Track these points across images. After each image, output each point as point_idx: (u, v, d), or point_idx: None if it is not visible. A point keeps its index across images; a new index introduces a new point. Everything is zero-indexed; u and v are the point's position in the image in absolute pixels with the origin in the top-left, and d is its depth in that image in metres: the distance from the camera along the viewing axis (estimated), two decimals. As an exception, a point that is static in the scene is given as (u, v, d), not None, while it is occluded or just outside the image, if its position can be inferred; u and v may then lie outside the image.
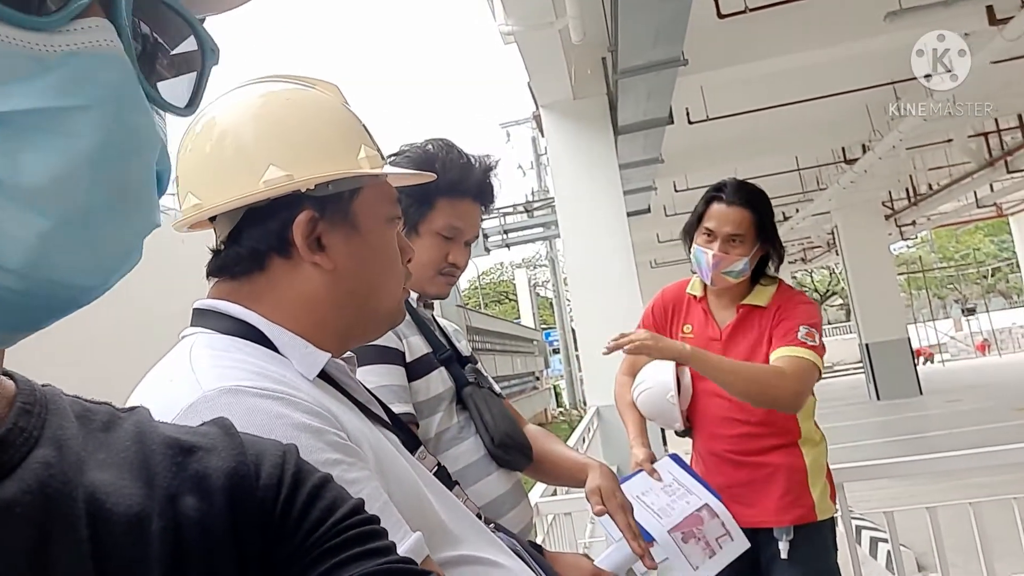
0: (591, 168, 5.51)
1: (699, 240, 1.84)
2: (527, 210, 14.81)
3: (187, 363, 0.64)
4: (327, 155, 0.72)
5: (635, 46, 4.14)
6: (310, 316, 0.72)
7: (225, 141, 0.72)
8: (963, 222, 20.31)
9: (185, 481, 0.41)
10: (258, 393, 0.60)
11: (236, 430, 0.46)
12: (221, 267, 0.74)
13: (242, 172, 0.70)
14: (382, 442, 0.69)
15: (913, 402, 11.57)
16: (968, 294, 32.97)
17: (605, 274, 5.28)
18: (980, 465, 2.14)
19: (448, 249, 1.27)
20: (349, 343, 0.78)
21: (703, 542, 1.67)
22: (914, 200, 12.35)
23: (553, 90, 5.44)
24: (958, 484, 4.00)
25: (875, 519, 4.18)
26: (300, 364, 0.69)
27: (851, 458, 5.26)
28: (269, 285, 0.72)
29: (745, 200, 1.82)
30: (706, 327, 1.89)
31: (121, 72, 0.35)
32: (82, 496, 0.36)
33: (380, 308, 0.77)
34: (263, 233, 0.72)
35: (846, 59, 6.22)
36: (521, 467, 1.26)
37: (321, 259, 0.72)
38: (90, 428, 0.40)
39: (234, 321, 0.70)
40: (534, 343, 24.38)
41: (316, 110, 0.75)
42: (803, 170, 10.41)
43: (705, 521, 1.69)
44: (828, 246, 17.03)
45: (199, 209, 0.72)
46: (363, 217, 0.75)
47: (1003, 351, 21.38)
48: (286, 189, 0.70)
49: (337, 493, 0.46)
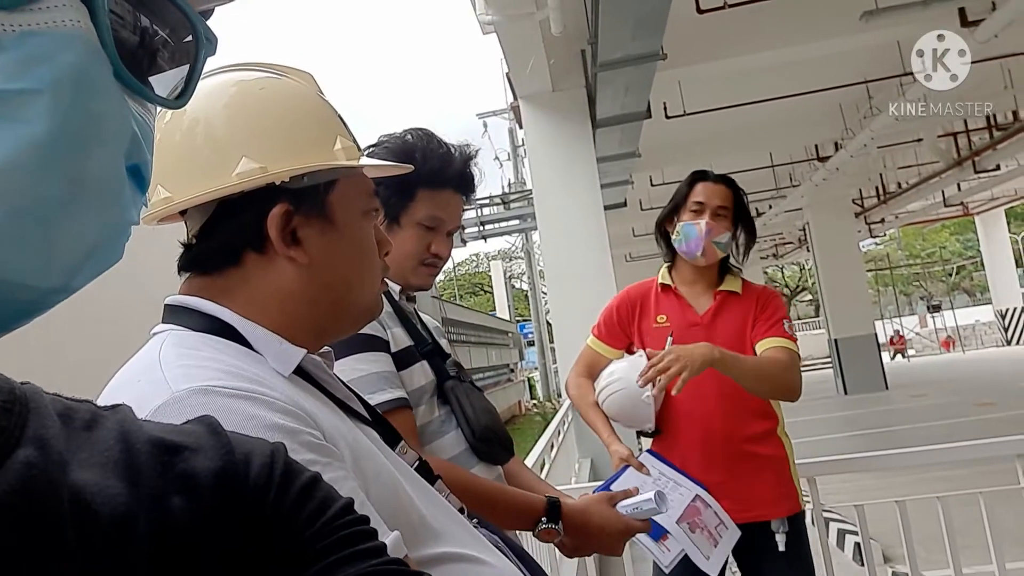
0: (569, 161, 5.52)
1: (686, 217, 1.90)
2: (504, 202, 14.80)
3: (156, 362, 0.62)
4: (302, 147, 0.70)
5: (614, 39, 4.14)
6: (284, 311, 0.70)
7: (196, 131, 0.69)
8: (930, 220, 20.77)
9: (172, 481, 0.39)
10: (230, 393, 0.58)
11: (223, 428, 0.45)
12: (193, 262, 0.72)
13: (214, 164, 0.68)
14: (360, 439, 0.67)
15: (880, 396, 11.83)
16: (933, 291, 33.73)
17: (581, 267, 5.29)
18: (948, 460, 2.18)
19: (430, 240, 1.26)
20: (325, 338, 0.76)
21: (706, 532, 1.67)
22: (884, 198, 12.58)
23: (532, 82, 5.42)
24: (922, 478, 4.09)
25: (842, 511, 4.26)
26: (275, 361, 0.67)
27: (820, 451, 5.34)
28: (243, 280, 0.70)
29: (728, 181, 1.97)
30: (684, 313, 1.90)
31: (83, 54, 0.33)
32: (67, 497, 0.34)
33: (356, 302, 0.76)
34: (236, 227, 0.70)
35: (822, 57, 6.29)
36: (502, 461, 1.26)
37: (296, 253, 0.70)
38: (72, 427, 0.38)
39: (206, 318, 0.68)
40: (509, 335, 24.43)
41: (290, 100, 0.73)
42: (777, 167, 10.56)
43: (702, 511, 1.70)
44: (799, 242, 17.31)
45: (169, 203, 0.70)
46: (339, 210, 0.73)
47: (967, 347, 21.93)
48: (260, 182, 0.67)
49: (327, 492, 0.45)
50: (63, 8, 0.32)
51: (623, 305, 1.99)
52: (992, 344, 21.53)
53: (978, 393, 10.61)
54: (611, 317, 1.99)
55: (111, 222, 0.36)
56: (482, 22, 4.62)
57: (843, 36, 5.66)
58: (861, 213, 13.90)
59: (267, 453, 0.44)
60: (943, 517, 2.12)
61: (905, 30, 5.80)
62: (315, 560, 0.42)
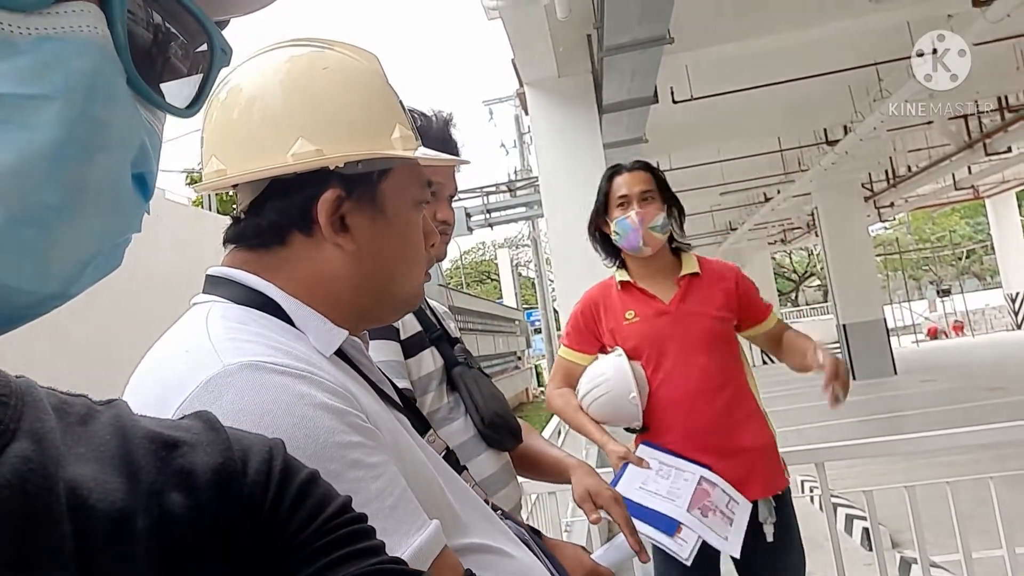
0: (575, 147, 5.48)
1: (616, 213, 1.91)
2: (510, 189, 14.76)
3: (204, 333, 0.61)
4: (360, 132, 0.69)
5: (621, 23, 4.09)
6: (327, 295, 0.70)
7: (253, 108, 0.68)
8: (940, 204, 20.59)
9: (170, 477, 0.39)
10: (280, 370, 0.57)
11: (220, 424, 0.44)
12: (239, 236, 0.71)
13: (269, 142, 0.67)
14: (396, 425, 0.67)
15: (888, 382, 11.78)
16: (943, 275, 33.50)
17: (588, 254, 5.25)
18: (959, 444, 2.17)
19: (434, 208, 1.27)
20: (364, 324, 0.75)
21: (718, 512, 1.67)
22: (893, 182, 12.46)
23: (537, 67, 5.38)
24: (930, 462, 4.08)
25: (850, 496, 4.25)
26: (317, 340, 0.66)
27: (829, 437, 5.32)
28: (286, 260, 0.70)
29: (642, 165, 1.99)
30: (650, 306, 1.90)
31: (97, 61, 0.32)
32: (63, 491, 0.34)
33: (399, 293, 0.75)
34: (286, 207, 0.69)
35: (831, 39, 6.22)
36: (510, 447, 1.27)
37: (344, 240, 0.69)
38: (68, 421, 0.38)
39: (250, 291, 0.68)
40: (516, 323, 24.43)
41: (353, 82, 0.71)
42: (785, 151, 10.46)
43: (711, 492, 1.69)
44: (808, 227, 17.18)
45: (222, 175, 0.69)
46: (391, 200, 0.72)
47: (976, 332, 21.80)
48: (314, 165, 0.67)
49: (325, 490, 0.45)
50: (81, 14, 0.32)
51: (586, 309, 1.99)
52: (1002, 328, 21.39)
53: (988, 378, 10.55)
54: (577, 323, 1.99)
55: (113, 230, 0.35)
56: (487, 7, 4.58)
57: (852, 18, 5.58)
58: (870, 197, 13.78)
59: (265, 450, 0.44)
60: (952, 502, 2.11)
61: (915, 11, 5.73)
62: (314, 559, 0.41)
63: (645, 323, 1.88)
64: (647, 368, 1.86)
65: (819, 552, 2.92)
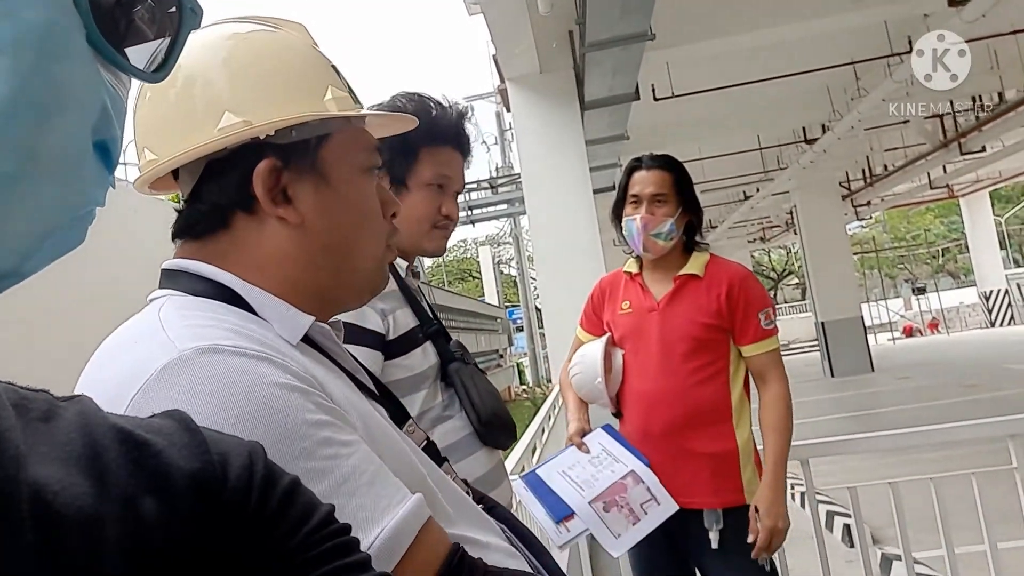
0: (557, 144, 5.46)
1: (627, 211, 1.92)
2: (492, 186, 14.74)
3: (157, 324, 0.57)
4: (288, 98, 0.65)
5: (603, 19, 4.08)
6: (283, 276, 0.66)
7: (175, 89, 0.65)
8: (916, 203, 20.90)
9: (143, 481, 0.36)
10: (240, 352, 0.54)
11: (195, 424, 0.41)
12: (184, 226, 0.68)
13: (198, 122, 0.64)
14: (371, 412, 0.64)
15: (866, 379, 11.93)
16: (918, 274, 34.01)
17: (571, 251, 5.25)
18: (941, 440, 2.17)
19: (440, 201, 1.24)
20: (329, 308, 0.71)
21: (626, 509, 1.69)
22: (870, 180, 12.62)
23: (519, 63, 5.35)
24: (909, 458, 4.11)
25: (831, 493, 4.27)
26: (281, 327, 0.63)
27: (809, 434, 5.34)
28: (234, 243, 0.66)
29: (663, 163, 1.95)
30: (643, 300, 1.92)
31: (51, 13, 0.29)
32: (26, 495, 0.30)
33: (359, 267, 0.70)
34: (223, 186, 0.65)
35: (810, 38, 6.26)
36: (506, 445, 1.25)
37: (286, 212, 0.65)
38: (28, 418, 0.35)
39: (206, 282, 0.64)
40: (498, 321, 24.42)
41: (277, 51, 0.68)
42: (764, 149, 10.55)
43: (629, 488, 1.71)
44: (787, 225, 17.35)
45: (154, 164, 0.66)
46: (333, 166, 0.68)
47: (951, 329, 22.15)
48: (243, 136, 0.63)
49: (309, 498, 0.42)
50: None
51: (597, 293, 2.05)
52: (976, 326, 21.75)
53: (963, 375, 10.72)
54: (588, 306, 2.07)
55: (72, 201, 0.32)
56: (468, 2, 4.54)
57: (831, 16, 5.62)
58: (848, 196, 13.94)
59: (245, 454, 0.41)
60: (936, 498, 2.12)
61: (893, 10, 5.78)
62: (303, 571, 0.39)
63: (634, 316, 1.91)
64: (628, 358, 1.90)
65: (801, 549, 2.92)
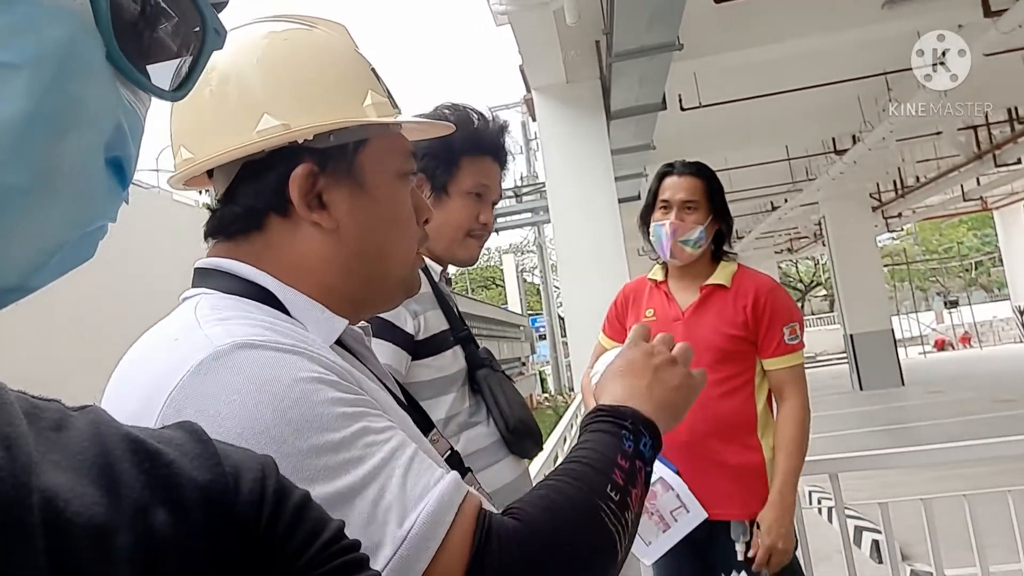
0: (583, 153, 5.46)
1: (656, 216, 1.90)
2: (516, 195, 14.76)
3: (194, 321, 0.58)
4: (328, 103, 0.66)
5: (630, 29, 4.07)
6: (314, 280, 0.66)
7: (215, 88, 0.65)
8: (949, 215, 20.50)
9: (155, 492, 0.36)
10: (274, 347, 0.55)
11: (207, 436, 0.41)
12: (218, 226, 0.69)
13: (237, 122, 0.64)
14: (404, 417, 0.64)
15: (896, 392, 11.70)
16: (950, 287, 33.32)
17: (595, 260, 5.24)
18: (975, 457, 2.13)
19: (478, 209, 1.26)
20: (361, 311, 0.72)
21: (656, 516, 1.66)
22: (901, 192, 12.41)
23: (546, 73, 5.36)
24: (940, 475, 4.02)
25: (860, 508, 4.20)
26: (315, 330, 0.63)
27: (836, 448, 5.25)
28: (267, 245, 0.67)
29: (695, 170, 1.93)
30: (668, 309, 1.90)
31: (73, 31, 0.30)
32: (37, 503, 0.31)
33: (391, 273, 0.71)
34: (259, 189, 0.66)
35: (841, 48, 6.19)
36: (532, 455, 1.24)
37: (321, 217, 0.66)
38: (40, 427, 0.35)
39: (241, 281, 0.65)
40: (520, 328, 24.40)
41: (317, 53, 0.68)
42: (793, 160, 10.42)
43: (659, 495, 1.68)
44: (815, 236, 17.11)
45: (191, 163, 0.67)
46: (370, 172, 0.68)
47: (984, 343, 21.65)
48: (281, 140, 0.64)
49: (320, 513, 0.42)
50: None
51: (621, 300, 2.04)
52: (1009, 340, 21.24)
53: (996, 389, 10.46)
54: (612, 313, 2.05)
55: (82, 218, 0.32)
56: (495, 12, 4.57)
57: (863, 26, 5.55)
58: (878, 207, 13.72)
59: (257, 467, 0.41)
60: (970, 515, 2.07)
61: (926, 20, 5.69)
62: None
63: (659, 325, 1.88)
64: None
65: (827, 564, 2.87)
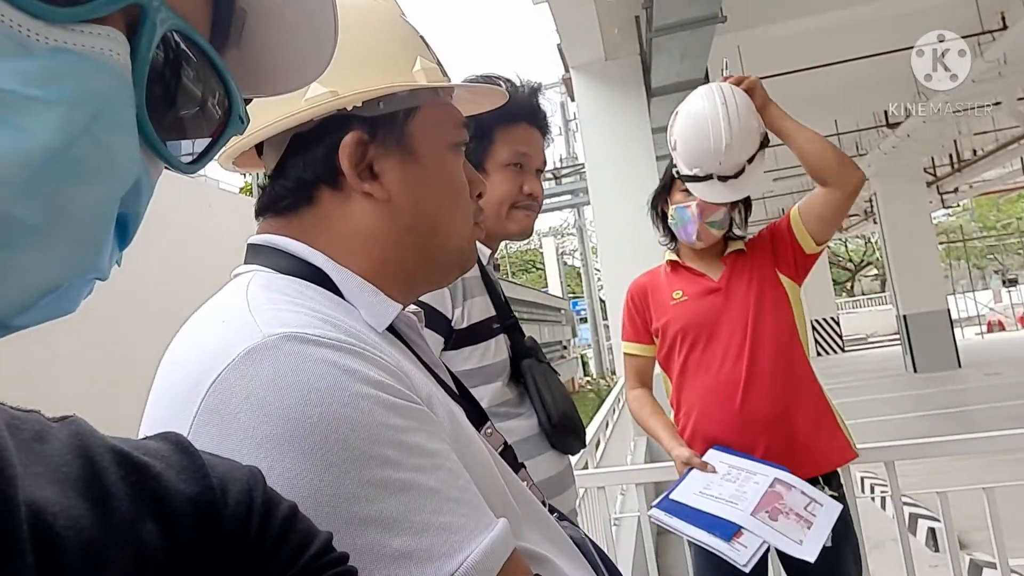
0: (623, 132, 5.36)
1: (677, 198, 1.85)
2: (555, 177, 14.65)
3: (244, 303, 0.56)
4: (377, 67, 0.64)
5: (671, 2, 3.96)
6: (370, 255, 0.64)
7: None
8: (1007, 189, 19.63)
9: (143, 505, 0.35)
10: (326, 343, 0.52)
11: (193, 447, 0.40)
12: (268, 203, 0.67)
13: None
14: (455, 412, 0.61)
15: (952, 375, 11.32)
16: (1009, 264, 32.03)
17: (635, 242, 5.14)
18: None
19: (521, 180, 1.22)
20: (415, 288, 0.69)
21: (792, 515, 1.57)
22: (958, 166, 11.92)
23: (584, 51, 5.27)
24: (999, 460, 3.85)
25: (916, 495, 4.06)
26: (368, 314, 0.61)
27: (891, 433, 5.07)
28: (320, 220, 0.64)
29: None
30: (699, 283, 1.85)
31: (112, 85, 0.30)
32: (24, 517, 0.30)
33: (446, 246, 0.68)
34: (309, 161, 0.64)
35: (891, 16, 5.93)
36: (575, 451, 1.20)
37: (373, 188, 0.64)
38: (21, 438, 0.34)
39: (295, 260, 0.63)
40: (561, 312, 24.36)
41: (364, 17, 0.66)
42: (842, 135, 10.08)
43: (784, 495, 1.59)
44: (865, 214, 16.60)
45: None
46: (421, 141, 0.65)
47: (1045, 323, 20.77)
48: (329, 108, 0.62)
49: (307, 525, 0.41)
50: (107, 38, 0.30)
51: (634, 297, 1.96)
52: (1074, 319, 20.34)
53: (1060, 371, 10.04)
54: (630, 313, 1.97)
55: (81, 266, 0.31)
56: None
57: (917, -9, 5.30)
58: (933, 182, 13.21)
59: (244, 479, 0.40)
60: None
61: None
62: None
63: (694, 302, 1.84)
64: (696, 349, 1.81)
65: (879, 552, 2.77)
